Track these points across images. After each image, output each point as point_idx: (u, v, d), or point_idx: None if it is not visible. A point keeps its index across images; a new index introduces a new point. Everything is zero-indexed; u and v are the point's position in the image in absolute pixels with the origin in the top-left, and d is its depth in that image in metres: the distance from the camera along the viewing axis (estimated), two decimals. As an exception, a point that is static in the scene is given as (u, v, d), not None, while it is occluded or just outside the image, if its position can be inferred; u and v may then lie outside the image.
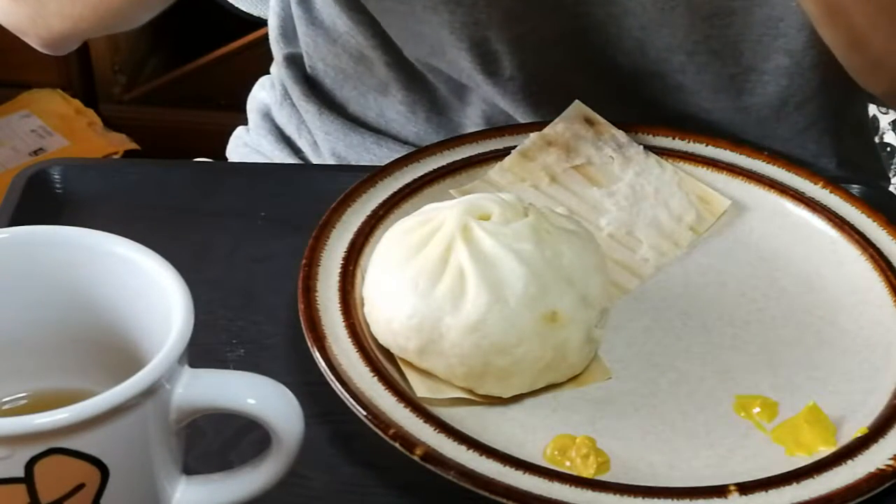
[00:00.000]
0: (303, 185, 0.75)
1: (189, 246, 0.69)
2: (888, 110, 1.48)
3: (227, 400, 0.48)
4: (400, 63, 0.83)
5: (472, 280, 0.58)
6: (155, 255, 0.50)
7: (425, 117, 0.85)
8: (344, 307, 0.61)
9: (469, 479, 0.53)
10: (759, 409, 0.60)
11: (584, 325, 0.60)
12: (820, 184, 0.71)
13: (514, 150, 0.72)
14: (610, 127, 0.73)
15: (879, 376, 0.61)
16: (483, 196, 0.63)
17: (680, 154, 0.73)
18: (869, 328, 0.64)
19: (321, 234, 0.65)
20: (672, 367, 0.62)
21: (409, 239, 0.61)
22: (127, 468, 0.46)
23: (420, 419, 0.56)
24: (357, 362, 0.59)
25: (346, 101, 0.88)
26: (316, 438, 0.57)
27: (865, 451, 0.56)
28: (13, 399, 0.53)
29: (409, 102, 0.84)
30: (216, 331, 0.64)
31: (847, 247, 0.68)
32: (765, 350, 0.63)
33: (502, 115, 0.82)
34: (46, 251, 0.52)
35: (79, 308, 0.52)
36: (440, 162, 0.71)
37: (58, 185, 0.73)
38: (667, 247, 0.69)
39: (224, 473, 0.51)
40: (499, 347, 0.58)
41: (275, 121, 0.94)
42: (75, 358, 0.53)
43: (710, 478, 0.55)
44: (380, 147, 0.86)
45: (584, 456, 0.56)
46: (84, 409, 0.43)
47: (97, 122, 1.95)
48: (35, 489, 0.44)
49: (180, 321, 0.47)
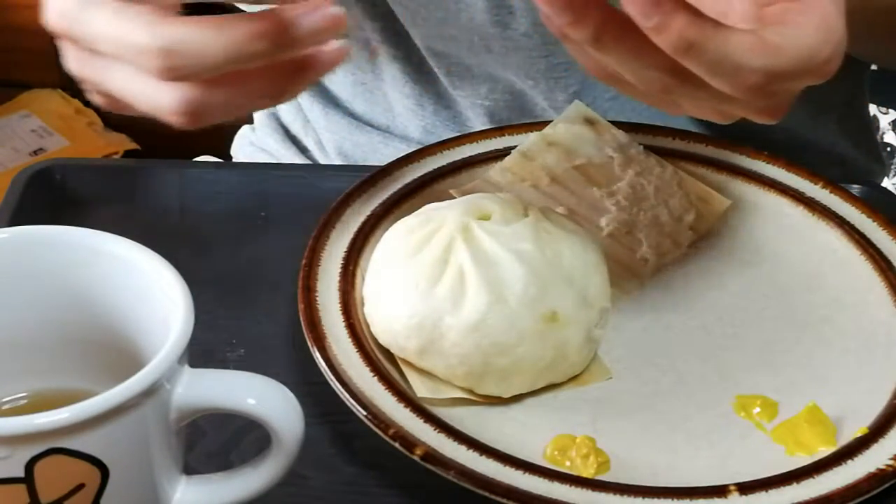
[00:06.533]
0: (303, 184, 0.75)
1: (189, 246, 0.69)
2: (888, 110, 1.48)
3: (227, 400, 0.48)
4: (407, 56, 0.83)
5: (472, 280, 0.58)
6: (155, 255, 0.50)
7: (433, 110, 0.85)
8: (344, 307, 0.61)
9: (469, 479, 0.53)
10: (759, 409, 0.60)
11: (584, 325, 0.60)
12: (820, 184, 0.71)
13: (514, 150, 0.72)
14: (610, 127, 0.73)
15: (879, 376, 0.61)
16: (483, 196, 0.63)
17: (680, 154, 0.73)
18: (869, 328, 0.64)
19: (321, 234, 0.65)
20: (672, 367, 0.62)
21: (409, 239, 0.61)
22: (127, 468, 0.46)
23: (420, 419, 0.56)
24: (357, 362, 0.59)
25: (353, 98, 0.88)
26: (316, 438, 0.57)
27: (865, 451, 0.56)
28: (13, 399, 0.53)
29: (416, 95, 0.85)
30: (216, 331, 0.64)
31: (847, 247, 0.68)
32: (765, 350, 0.63)
33: (510, 95, 0.82)
34: (46, 251, 0.52)
35: (79, 308, 0.52)
36: (440, 162, 0.71)
37: (58, 185, 0.73)
38: (667, 247, 0.69)
39: (224, 473, 0.51)
40: (499, 347, 0.58)
41: (280, 119, 0.94)
42: (75, 358, 0.53)
43: (710, 478, 0.55)
44: (386, 146, 0.86)
45: (584, 456, 0.56)
46: (84, 409, 0.43)
47: (97, 122, 1.95)
48: (35, 489, 0.44)
49: (180, 321, 0.47)
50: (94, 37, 0.53)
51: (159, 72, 0.51)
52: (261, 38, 0.50)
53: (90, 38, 0.53)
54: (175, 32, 0.50)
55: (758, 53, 0.50)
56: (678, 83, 0.52)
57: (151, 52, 0.50)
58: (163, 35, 0.50)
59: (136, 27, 0.51)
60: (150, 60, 0.51)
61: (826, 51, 0.52)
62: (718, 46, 0.49)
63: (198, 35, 0.50)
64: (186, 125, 0.54)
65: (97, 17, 0.52)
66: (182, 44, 0.50)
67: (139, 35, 0.51)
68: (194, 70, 0.51)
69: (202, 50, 0.50)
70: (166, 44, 0.50)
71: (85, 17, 0.53)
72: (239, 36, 0.50)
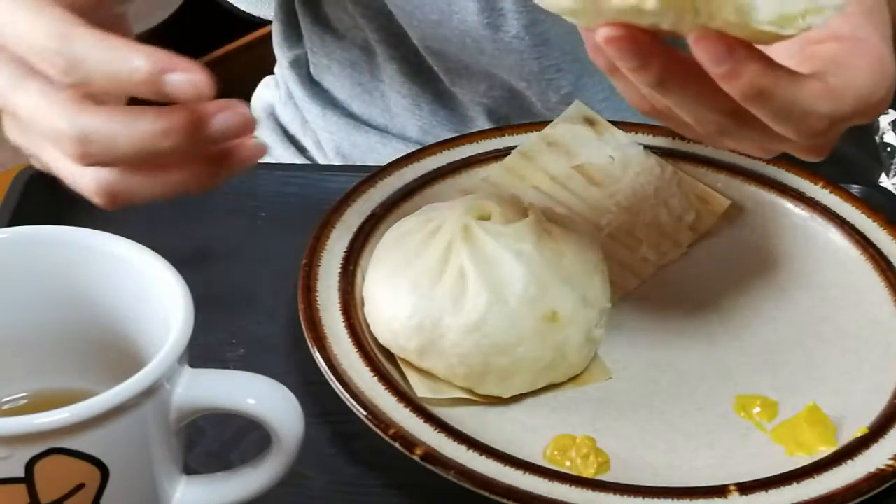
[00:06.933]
0: (303, 184, 0.75)
1: (189, 246, 0.69)
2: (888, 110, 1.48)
3: (227, 400, 0.48)
4: (405, 55, 0.83)
5: (472, 280, 0.58)
6: (155, 255, 0.50)
7: (430, 110, 0.85)
8: (344, 307, 0.61)
9: (469, 479, 0.53)
10: (759, 409, 0.60)
11: (584, 325, 0.60)
12: (820, 184, 0.71)
13: (514, 150, 0.72)
14: (610, 127, 0.73)
15: (879, 376, 0.61)
16: (483, 196, 0.64)
17: (680, 154, 0.73)
18: (869, 328, 0.64)
19: (321, 234, 0.65)
20: (672, 367, 0.62)
21: (409, 239, 0.61)
22: (127, 468, 0.46)
23: (420, 419, 0.56)
24: (357, 362, 0.59)
25: (351, 99, 0.88)
26: (316, 438, 0.57)
27: (865, 451, 0.56)
28: (13, 399, 0.53)
29: (414, 95, 0.85)
30: (216, 331, 0.64)
31: (847, 247, 0.68)
32: (765, 350, 0.63)
33: (508, 92, 0.82)
34: (46, 251, 0.52)
35: (79, 308, 0.52)
36: (440, 162, 0.71)
37: (58, 185, 0.73)
38: (667, 247, 0.69)
39: (224, 473, 0.51)
40: (499, 347, 0.58)
41: (279, 119, 0.94)
42: (75, 358, 0.53)
43: (710, 478, 0.55)
44: (384, 146, 0.86)
45: (584, 456, 0.56)
46: (84, 409, 0.43)
47: (97, 121, 1.95)
48: (35, 489, 0.44)
49: (180, 321, 0.47)
50: (19, 113, 0.54)
51: (73, 157, 0.52)
52: (169, 133, 0.51)
53: (16, 113, 0.54)
54: (89, 119, 0.51)
55: (826, 99, 0.49)
56: (737, 125, 0.51)
57: (66, 138, 0.52)
58: (77, 121, 0.51)
59: (54, 110, 0.52)
60: (65, 145, 0.52)
61: (881, 93, 0.51)
62: (788, 94, 0.48)
63: (110, 124, 0.51)
64: (106, 206, 0.55)
65: (22, 94, 0.53)
66: (96, 131, 0.51)
67: (56, 118, 0.52)
68: (106, 158, 0.52)
69: (113, 139, 0.51)
70: (79, 130, 0.51)
71: (12, 93, 0.54)
72: (148, 129, 0.51)
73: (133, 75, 0.50)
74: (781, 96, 0.48)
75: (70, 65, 0.50)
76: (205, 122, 0.52)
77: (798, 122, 0.50)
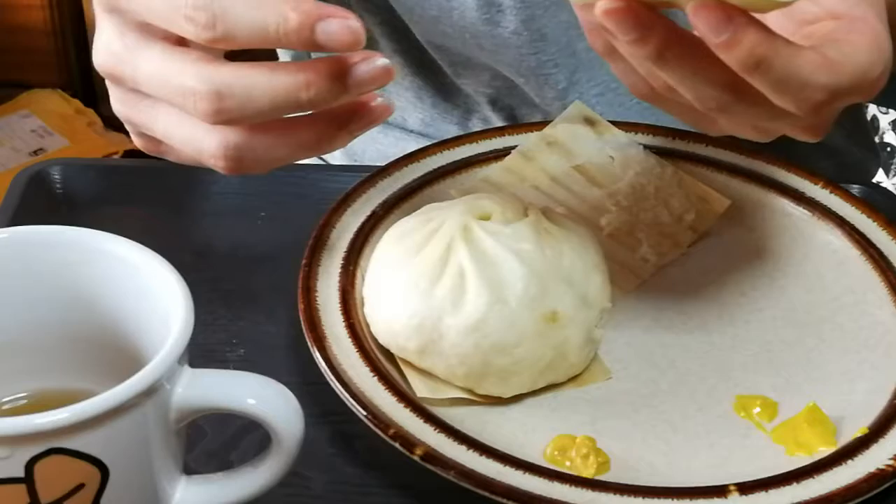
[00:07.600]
0: (303, 184, 0.75)
1: (189, 246, 0.69)
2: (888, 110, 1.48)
3: (227, 400, 0.48)
4: (407, 49, 0.83)
5: (472, 280, 0.58)
6: (155, 255, 0.50)
7: (431, 103, 0.85)
8: (344, 307, 0.61)
9: (469, 479, 0.53)
10: (759, 409, 0.60)
11: (584, 325, 0.60)
12: (820, 184, 0.71)
13: (514, 150, 0.72)
14: (610, 127, 0.73)
15: (879, 376, 0.61)
16: (483, 196, 0.63)
17: (680, 154, 0.73)
18: (869, 328, 0.64)
19: (321, 234, 0.65)
20: (672, 367, 0.62)
21: (409, 239, 0.61)
22: (127, 468, 0.46)
23: (420, 419, 0.56)
24: (357, 362, 0.59)
25: None
26: (316, 438, 0.57)
27: (865, 451, 0.56)
28: (13, 399, 0.53)
29: (416, 88, 0.85)
30: (216, 331, 0.64)
31: (847, 247, 0.68)
32: (765, 350, 0.63)
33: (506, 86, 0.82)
34: (46, 251, 0.52)
35: (79, 308, 0.52)
36: (440, 162, 0.71)
37: (58, 185, 0.73)
38: (667, 247, 0.69)
39: (224, 473, 0.51)
40: (499, 347, 0.58)
41: None
42: (75, 358, 0.53)
43: (710, 478, 0.55)
44: (385, 136, 0.86)
45: (584, 456, 0.56)
46: (84, 409, 0.43)
47: (97, 122, 1.95)
48: (35, 489, 0.44)
49: (180, 321, 0.47)
50: (141, 78, 0.52)
51: (206, 114, 0.50)
52: (311, 84, 0.49)
53: (137, 78, 0.52)
54: (224, 75, 0.50)
55: (824, 71, 0.49)
56: (736, 100, 0.51)
57: (199, 95, 0.50)
58: (211, 78, 0.50)
59: (185, 69, 0.50)
60: (197, 103, 0.50)
61: (878, 69, 0.51)
62: (786, 63, 0.48)
63: (247, 79, 0.50)
64: (227, 170, 0.53)
65: (145, 58, 0.52)
66: (230, 87, 0.49)
67: (187, 77, 0.50)
68: (241, 114, 0.50)
69: (250, 94, 0.49)
70: (214, 87, 0.49)
71: (133, 58, 0.52)
72: (289, 82, 0.49)
73: (283, 26, 0.48)
74: (780, 66, 0.48)
75: (213, 18, 0.48)
76: (347, 72, 0.50)
77: (797, 92, 0.49)
